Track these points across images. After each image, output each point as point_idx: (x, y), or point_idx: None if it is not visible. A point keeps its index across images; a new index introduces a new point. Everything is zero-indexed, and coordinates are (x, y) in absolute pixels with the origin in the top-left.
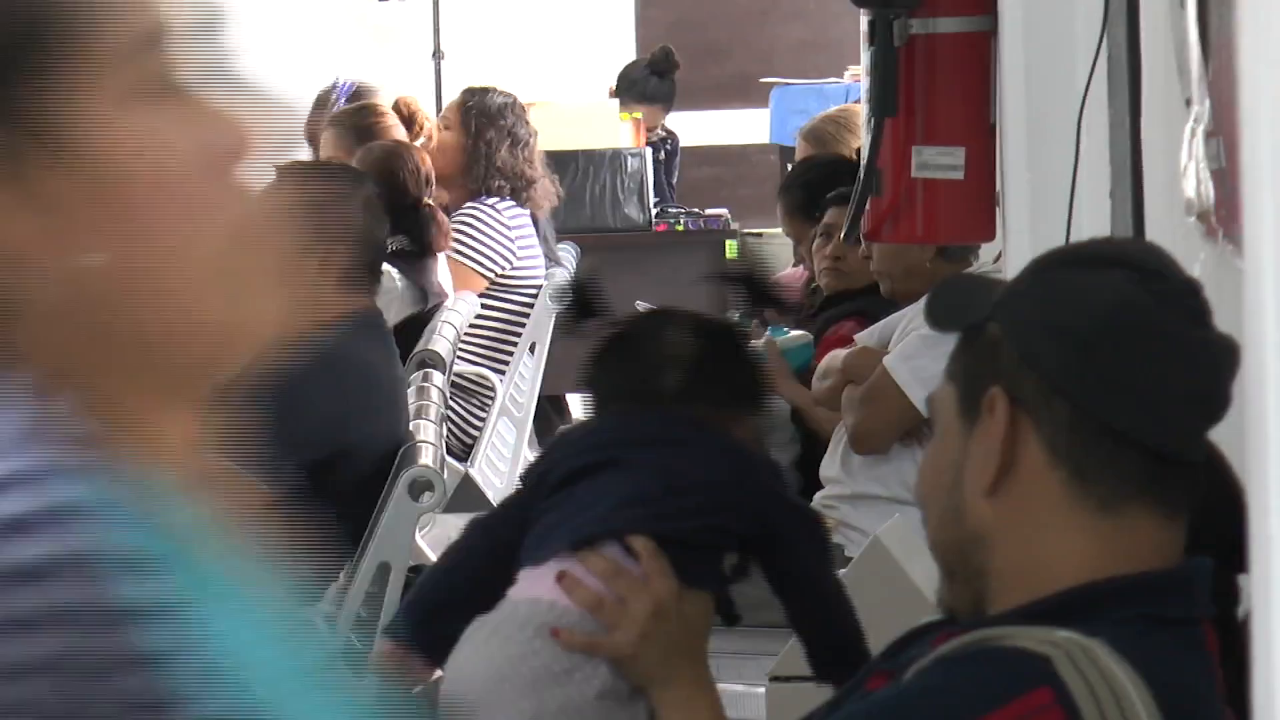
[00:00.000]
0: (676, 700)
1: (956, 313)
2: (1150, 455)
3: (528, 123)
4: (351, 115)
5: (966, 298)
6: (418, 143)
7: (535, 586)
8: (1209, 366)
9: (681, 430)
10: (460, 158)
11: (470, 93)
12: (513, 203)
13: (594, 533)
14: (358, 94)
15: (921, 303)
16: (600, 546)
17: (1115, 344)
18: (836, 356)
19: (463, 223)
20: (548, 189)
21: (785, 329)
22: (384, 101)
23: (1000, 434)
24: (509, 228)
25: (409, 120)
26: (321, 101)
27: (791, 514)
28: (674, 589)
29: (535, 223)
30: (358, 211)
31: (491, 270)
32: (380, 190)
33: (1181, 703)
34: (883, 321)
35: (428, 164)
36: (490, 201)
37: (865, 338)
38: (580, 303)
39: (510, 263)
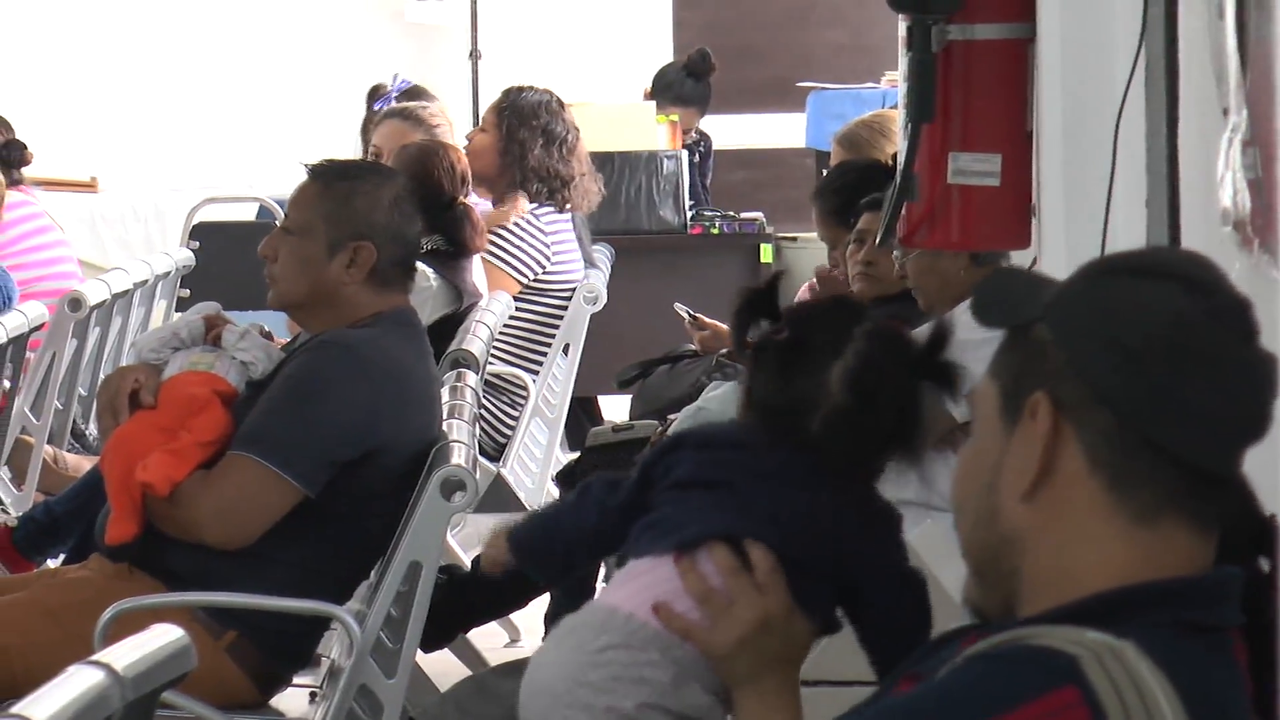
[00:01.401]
0: (756, 710)
1: (1007, 309)
2: (1189, 470)
3: (566, 120)
4: (408, 106)
5: (1018, 294)
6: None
7: (620, 592)
8: (1254, 386)
9: (800, 473)
10: (495, 159)
11: (507, 93)
12: (551, 208)
13: (709, 533)
14: (412, 93)
15: (956, 309)
16: (709, 551)
17: (1165, 358)
18: None
19: (501, 226)
20: (588, 188)
21: None
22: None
23: (1043, 439)
24: (545, 233)
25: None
26: (375, 94)
27: (888, 575)
28: (786, 605)
29: (572, 222)
30: (385, 209)
31: (525, 275)
32: (415, 189)
33: (1209, 711)
34: (915, 331)
35: (463, 162)
36: (529, 208)
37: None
38: (760, 304)
39: (544, 267)
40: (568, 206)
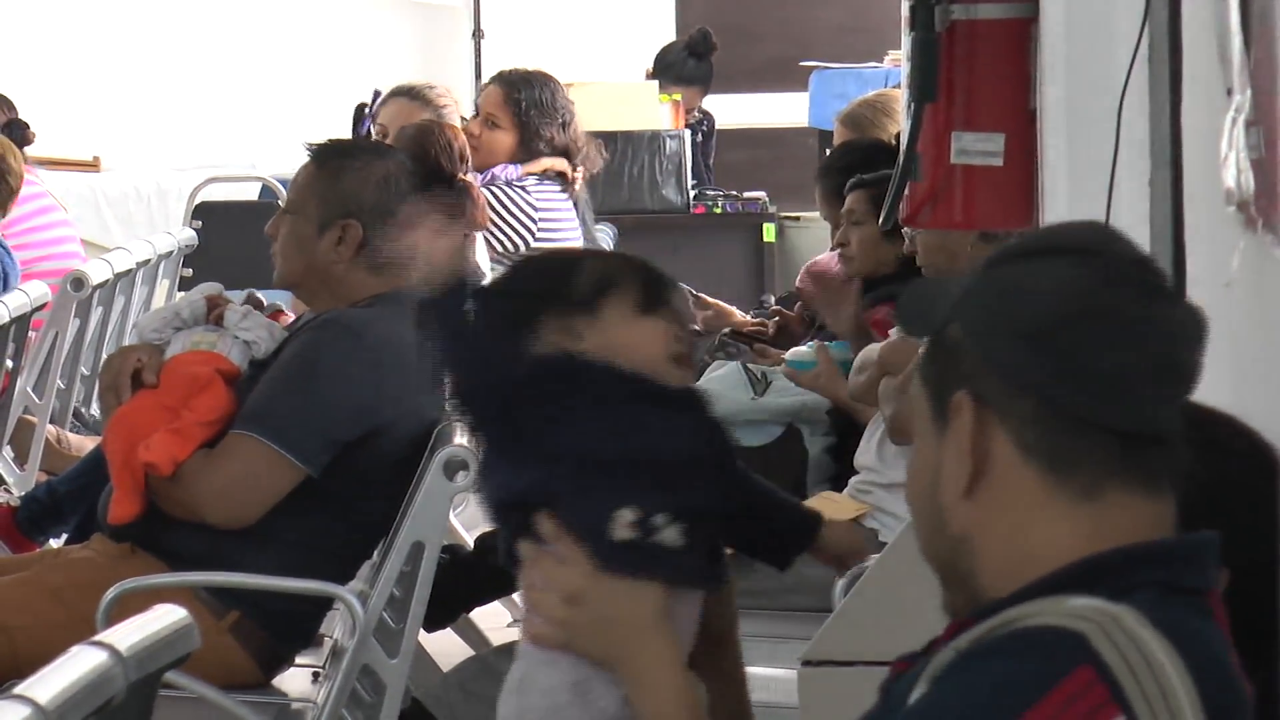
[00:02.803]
0: (638, 683)
1: (922, 319)
2: (1122, 437)
3: (564, 94)
4: (414, 85)
5: (930, 302)
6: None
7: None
8: (1166, 339)
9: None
10: (513, 154)
11: (511, 85)
12: (554, 185)
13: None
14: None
15: None
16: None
17: (1069, 333)
18: (872, 350)
19: (490, 195)
20: (591, 156)
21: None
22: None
23: (968, 437)
24: (535, 208)
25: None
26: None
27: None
28: (584, 570)
29: (574, 204)
30: (373, 188)
31: (502, 242)
32: (414, 168)
33: (1212, 670)
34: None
35: (461, 140)
36: (524, 183)
37: (898, 330)
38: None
39: (527, 244)
40: (576, 180)
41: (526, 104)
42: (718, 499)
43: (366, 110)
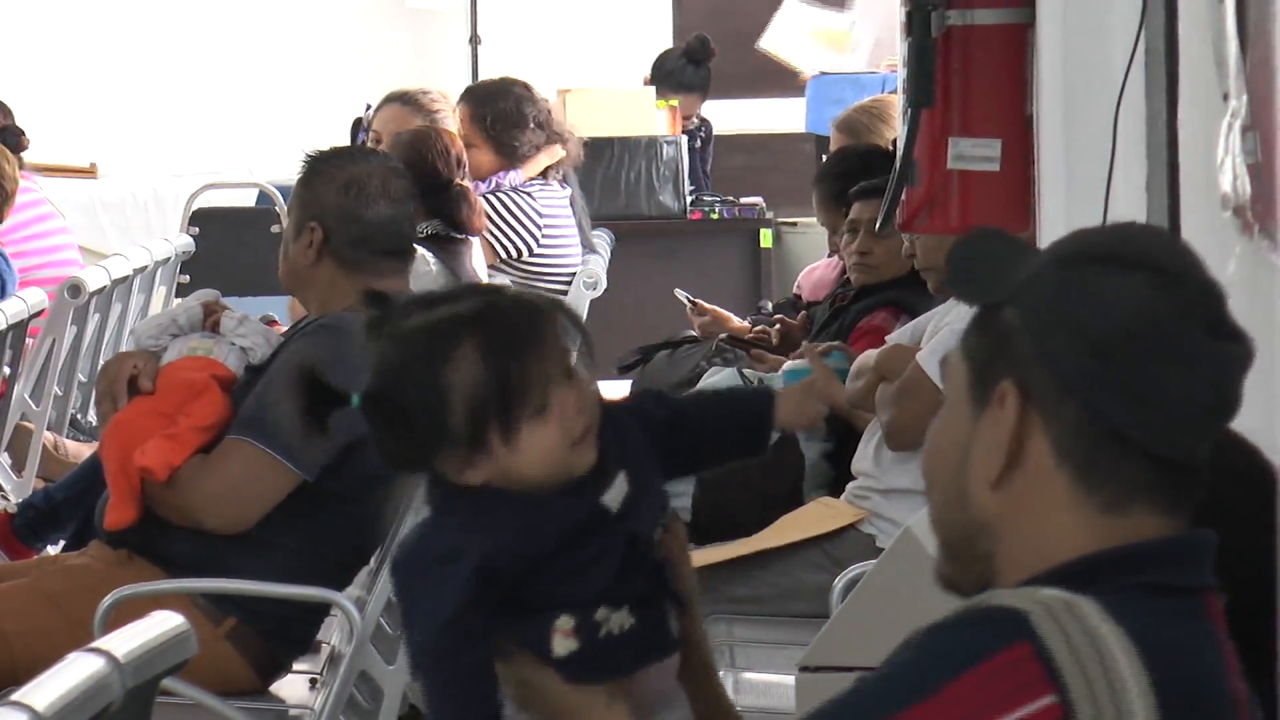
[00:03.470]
0: None
1: (978, 287)
2: (1157, 461)
3: (534, 96)
4: (408, 91)
5: (989, 271)
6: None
7: None
8: (1223, 376)
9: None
10: (497, 168)
11: (477, 102)
12: (554, 186)
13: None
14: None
15: (953, 301)
16: None
17: (1133, 352)
18: (869, 356)
19: (494, 194)
20: (571, 151)
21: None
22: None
23: (1009, 429)
24: (540, 214)
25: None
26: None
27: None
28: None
29: (572, 206)
30: (337, 191)
31: (508, 248)
32: (411, 174)
33: (1175, 666)
34: (915, 319)
35: (458, 145)
36: (528, 188)
37: (898, 336)
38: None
39: (530, 248)
40: (561, 175)
41: (492, 119)
42: (647, 567)
43: (363, 124)
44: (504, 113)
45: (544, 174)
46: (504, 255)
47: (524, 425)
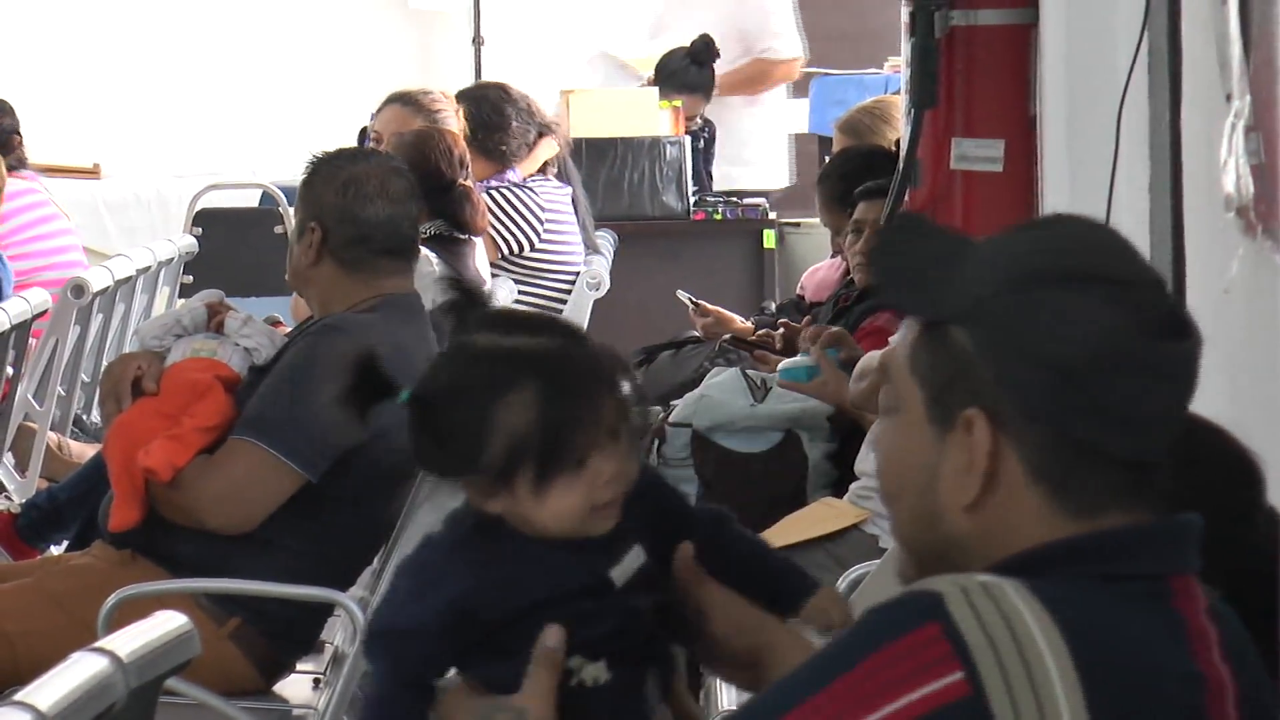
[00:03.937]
0: None
1: (919, 299)
2: (1130, 465)
3: (514, 96)
4: (409, 91)
5: (926, 280)
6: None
7: None
8: (1184, 372)
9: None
10: (491, 171)
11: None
12: (554, 182)
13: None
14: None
15: None
16: None
17: (1099, 373)
18: (873, 357)
19: (496, 189)
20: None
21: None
22: None
23: (985, 457)
24: (541, 209)
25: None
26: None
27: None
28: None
29: (575, 207)
30: (335, 190)
31: (509, 244)
32: (415, 174)
33: (1108, 647)
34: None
35: (460, 145)
36: (531, 184)
37: (901, 337)
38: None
39: (531, 243)
40: (557, 170)
41: (474, 127)
42: (637, 633)
43: (368, 133)
44: (483, 120)
45: (543, 169)
46: (505, 250)
47: (556, 480)
